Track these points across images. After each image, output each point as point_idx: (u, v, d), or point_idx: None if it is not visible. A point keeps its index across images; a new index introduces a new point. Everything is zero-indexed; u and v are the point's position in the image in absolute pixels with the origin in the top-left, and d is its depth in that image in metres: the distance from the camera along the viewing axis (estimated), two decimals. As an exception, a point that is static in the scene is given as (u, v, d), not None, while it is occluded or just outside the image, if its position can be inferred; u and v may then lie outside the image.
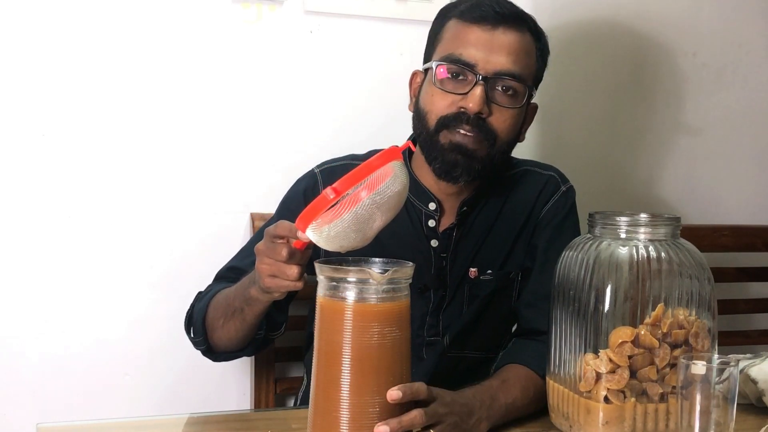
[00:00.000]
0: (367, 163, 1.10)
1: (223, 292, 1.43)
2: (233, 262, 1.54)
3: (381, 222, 1.12)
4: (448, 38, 1.47)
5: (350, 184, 1.08)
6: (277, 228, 1.19)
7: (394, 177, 1.11)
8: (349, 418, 1.08)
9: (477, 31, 1.43)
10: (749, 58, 2.22)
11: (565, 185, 1.59)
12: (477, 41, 1.43)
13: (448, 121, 1.43)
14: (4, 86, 1.68)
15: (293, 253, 1.18)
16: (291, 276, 1.19)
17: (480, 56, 1.42)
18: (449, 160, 1.44)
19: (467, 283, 1.53)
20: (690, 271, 1.24)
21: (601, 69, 2.10)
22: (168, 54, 1.77)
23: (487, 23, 1.43)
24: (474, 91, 1.41)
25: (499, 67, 1.42)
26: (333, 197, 1.08)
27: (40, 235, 1.72)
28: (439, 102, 1.44)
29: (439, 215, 1.52)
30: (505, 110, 1.44)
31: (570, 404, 1.25)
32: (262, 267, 1.21)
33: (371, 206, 1.09)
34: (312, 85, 1.86)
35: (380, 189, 1.10)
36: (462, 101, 1.42)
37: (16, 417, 1.73)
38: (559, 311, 1.28)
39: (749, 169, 2.27)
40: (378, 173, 1.10)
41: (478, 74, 1.41)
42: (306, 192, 1.53)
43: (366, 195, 1.09)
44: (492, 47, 1.42)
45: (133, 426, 1.34)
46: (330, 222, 1.09)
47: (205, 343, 1.46)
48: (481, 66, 1.42)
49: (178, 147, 1.79)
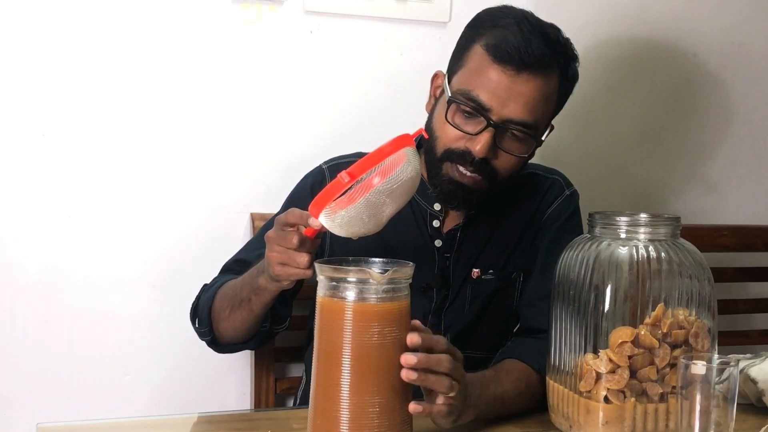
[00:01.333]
0: (379, 149, 1.10)
1: (229, 283, 1.43)
2: (240, 254, 1.55)
3: (394, 208, 1.13)
4: (471, 69, 1.42)
5: (364, 168, 1.09)
6: (288, 215, 1.19)
7: (407, 162, 1.12)
8: (349, 418, 1.08)
9: (499, 73, 1.38)
10: (749, 58, 2.22)
11: (569, 189, 1.59)
12: (497, 85, 1.38)
13: (453, 156, 1.42)
14: (4, 86, 1.68)
15: (303, 241, 1.18)
16: (301, 264, 1.19)
17: (496, 101, 1.37)
18: (448, 191, 1.44)
19: (469, 284, 1.53)
20: (690, 271, 1.24)
21: (601, 69, 2.10)
22: (168, 54, 1.77)
23: (511, 67, 1.37)
24: (482, 137, 1.38)
25: (513, 116, 1.38)
26: (348, 181, 1.08)
27: (40, 235, 1.72)
28: (448, 133, 1.42)
29: (444, 216, 1.52)
30: (511, 155, 1.43)
31: (570, 404, 1.25)
32: (272, 255, 1.21)
33: (385, 192, 1.10)
34: (312, 85, 1.86)
35: (394, 175, 1.10)
36: (469, 142, 1.40)
37: (16, 417, 1.73)
38: (559, 311, 1.28)
39: (749, 169, 2.27)
40: (391, 159, 1.11)
41: (490, 120, 1.38)
42: (314, 187, 1.53)
43: (379, 181, 1.10)
44: (511, 94, 1.37)
45: (133, 426, 1.34)
46: (344, 207, 1.10)
47: (210, 334, 1.46)
48: (495, 111, 1.38)
49: (178, 147, 1.79)
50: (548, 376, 1.31)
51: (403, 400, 1.11)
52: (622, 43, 2.11)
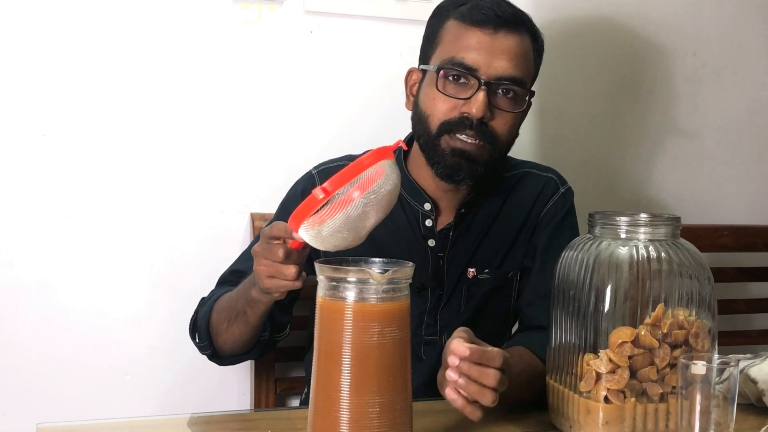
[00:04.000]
0: (356, 162, 1.09)
1: (225, 296, 1.43)
2: (235, 265, 1.54)
3: (373, 221, 1.13)
4: (449, 40, 1.46)
5: (340, 183, 1.08)
6: (272, 229, 1.19)
7: (386, 177, 1.11)
8: (349, 418, 1.08)
9: (478, 35, 1.42)
10: (749, 58, 2.22)
11: (563, 187, 1.60)
12: (479, 45, 1.42)
13: (450, 126, 1.42)
14: (4, 86, 1.68)
15: (290, 253, 1.18)
16: (289, 276, 1.19)
17: (482, 61, 1.41)
18: (452, 164, 1.44)
19: (465, 283, 1.54)
20: (690, 271, 1.24)
21: (600, 69, 2.10)
22: (168, 54, 1.77)
23: (489, 27, 1.42)
24: (477, 96, 1.40)
25: (501, 72, 1.42)
26: (323, 197, 1.08)
27: (40, 235, 1.72)
28: (440, 106, 1.43)
29: (436, 215, 1.52)
30: (507, 114, 1.44)
31: (570, 404, 1.25)
32: (260, 268, 1.22)
33: (363, 206, 1.10)
34: (312, 85, 1.87)
35: (373, 188, 1.10)
36: (464, 106, 1.42)
37: (16, 417, 1.73)
38: (558, 311, 1.28)
39: (749, 169, 2.27)
40: (369, 173, 1.10)
41: (481, 79, 1.41)
42: (304, 193, 1.53)
43: (358, 195, 1.09)
44: (494, 52, 1.41)
45: (133, 426, 1.34)
46: (322, 222, 1.09)
47: (211, 348, 1.46)
48: (483, 71, 1.41)
49: (178, 147, 1.79)
50: (548, 376, 1.31)
51: (403, 400, 1.11)
52: (622, 43, 2.11)
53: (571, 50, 2.06)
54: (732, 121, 2.23)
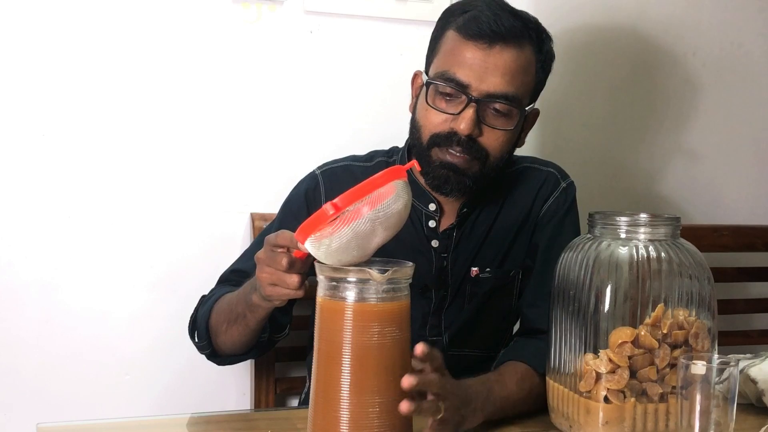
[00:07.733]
0: (370, 180, 1.09)
1: (225, 297, 1.43)
2: (237, 264, 1.54)
3: (381, 239, 1.11)
4: (445, 52, 1.44)
5: (351, 200, 1.07)
6: (277, 238, 1.18)
7: (396, 196, 1.10)
8: (349, 418, 1.08)
9: (472, 49, 1.40)
10: (749, 58, 2.22)
11: (565, 181, 1.58)
12: (472, 61, 1.40)
13: (439, 140, 1.42)
14: (4, 86, 1.68)
15: (293, 263, 1.17)
16: (291, 285, 1.19)
17: (473, 77, 1.39)
18: (440, 175, 1.43)
19: (468, 283, 1.53)
20: (690, 271, 1.24)
21: (601, 68, 2.10)
22: (168, 54, 1.77)
23: (484, 41, 1.39)
24: (465, 114, 1.39)
25: (492, 89, 1.39)
26: (333, 213, 1.07)
27: (40, 235, 1.72)
28: (431, 119, 1.43)
29: (440, 216, 1.52)
30: (497, 131, 1.42)
31: (570, 404, 1.25)
32: (263, 276, 1.21)
33: (372, 223, 1.08)
34: (312, 85, 1.86)
35: (381, 206, 1.09)
36: (453, 122, 1.41)
37: (16, 417, 1.73)
38: (559, 311, 1.28)
39: (749, 169, 2.27)
40: (380, 191, 1.09)
41: (471, 96, 1.39)
42: (307, 193, 1.53)
43: (367, 212, 1.08)
44: (486, 68, 1.39)
45: (133, 426, 1.34)
46: (329, 236, 1.08)
47: (209, 347, 1.46)
48: (474, 87, 1.39)
49: (178, 147, 1.79)
50: (548, 376, 1.31)
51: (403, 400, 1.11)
52: (622, 43, 2.11)
53: (572, 50, 2.05)
54: (732, 121, 2.23)
